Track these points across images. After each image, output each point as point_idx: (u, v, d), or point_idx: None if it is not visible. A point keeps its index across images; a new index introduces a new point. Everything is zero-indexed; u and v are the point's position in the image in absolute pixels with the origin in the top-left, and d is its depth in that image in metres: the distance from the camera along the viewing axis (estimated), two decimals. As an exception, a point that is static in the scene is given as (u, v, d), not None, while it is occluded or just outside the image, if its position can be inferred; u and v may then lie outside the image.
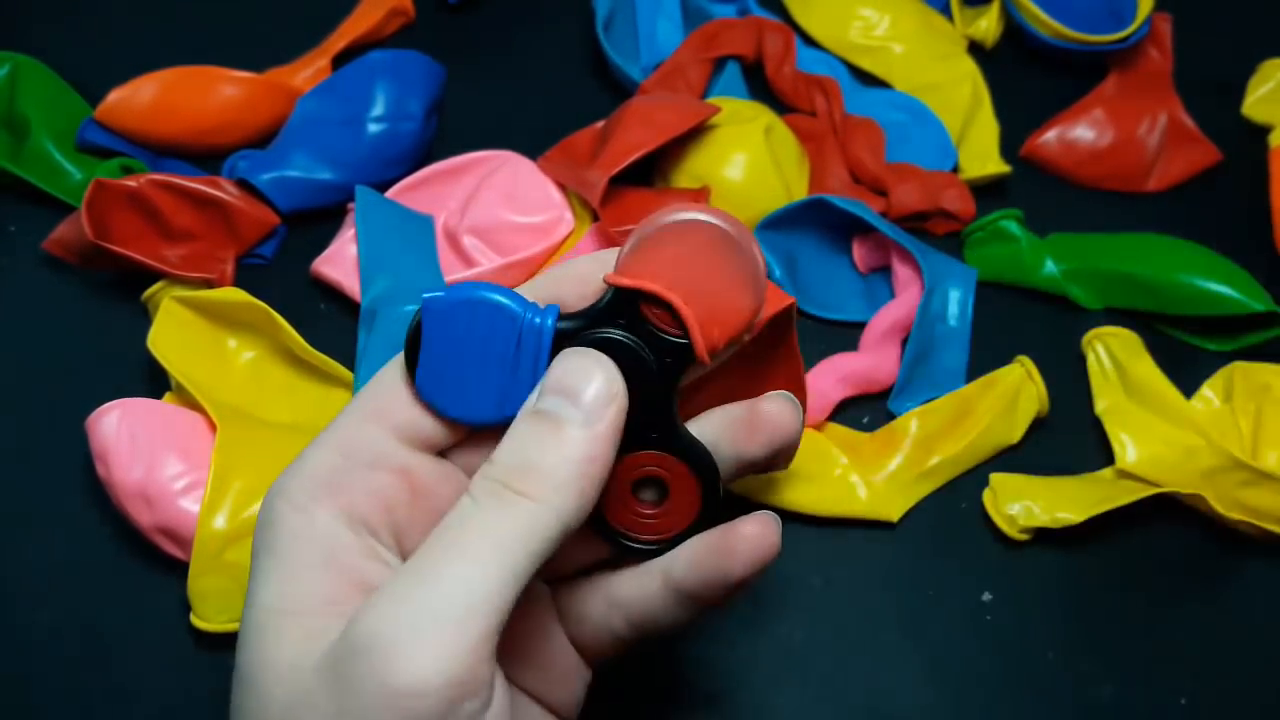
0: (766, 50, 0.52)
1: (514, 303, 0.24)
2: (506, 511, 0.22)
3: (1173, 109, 0.52)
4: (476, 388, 0.25)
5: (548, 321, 0.24)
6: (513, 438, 0.24)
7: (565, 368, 0.24)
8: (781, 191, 0.46)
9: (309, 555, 0.24)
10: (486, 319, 0.24)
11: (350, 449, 0.25)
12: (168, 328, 0.40)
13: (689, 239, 0.24)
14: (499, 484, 0.23)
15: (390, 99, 0.47)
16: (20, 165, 0.47)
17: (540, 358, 0.24)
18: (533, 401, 0.24)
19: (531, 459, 0.23)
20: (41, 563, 0.39)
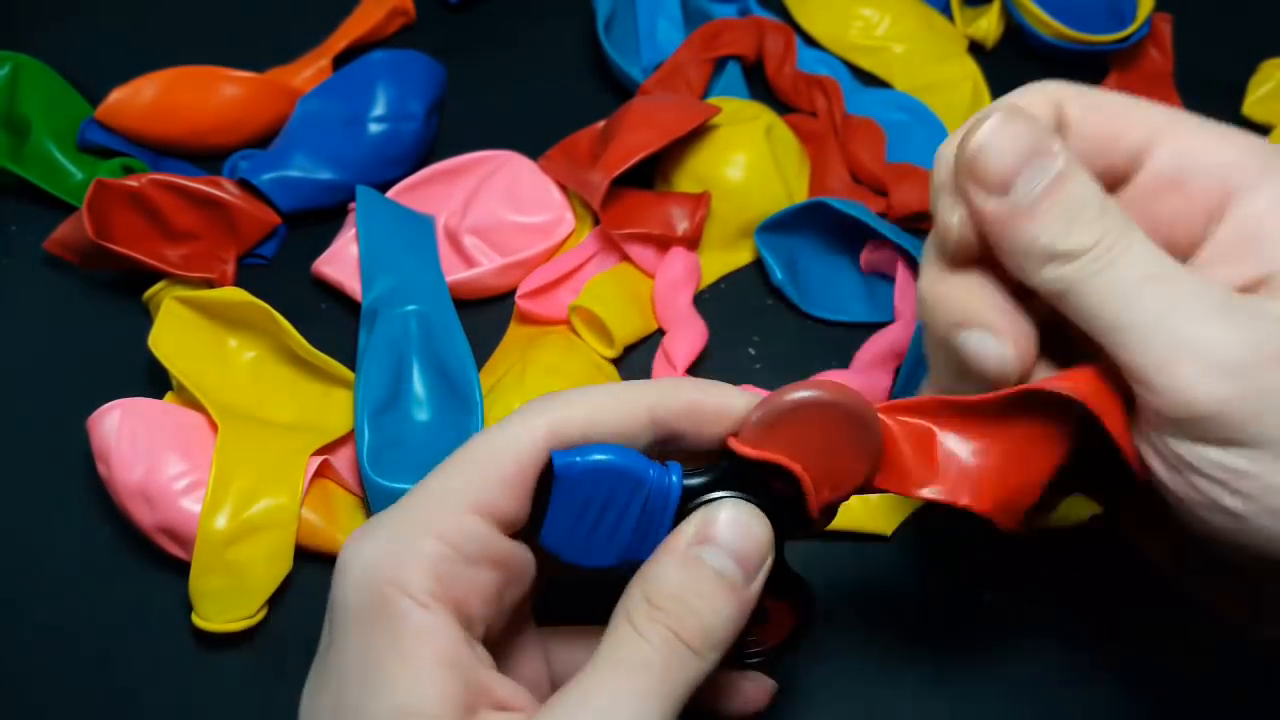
0: (767, 50, 0.52)
1: (640, 467, 0.25)
2: (671, 656, 0.23)
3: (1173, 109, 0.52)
4: (601, 540, 0.25)
5: (673, 479, 0.25)
6: (670, 578, 0.24)
7: (729, 522, 0.24)
8: (782, 191, 0.46)
9: (436, 656, 0.22)
10: (615, 483, 0.25)
11: (456, 540, 0.24)
12: (169, 327, 0.40)
13: (815, 416, 0.25)
14: (665, 628, 0.23)
15: (391, 99, 0.47)
16: (21, 165, 0.47)
17: (666, 514, 0.25)
18: (686, 543, 0.24)
19: (694, 608, 0.23)
20: (42, 562, 0.39)
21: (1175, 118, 0.26)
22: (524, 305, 0.44)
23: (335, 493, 0.39)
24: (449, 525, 0.24)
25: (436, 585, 0.23)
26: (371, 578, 0.23)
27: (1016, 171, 0.24)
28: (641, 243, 0.45)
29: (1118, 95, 0.27)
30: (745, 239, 0.47)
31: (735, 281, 0.47)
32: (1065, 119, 0.27)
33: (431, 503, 0.24)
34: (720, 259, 0.47)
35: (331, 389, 0.41)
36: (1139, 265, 0.23)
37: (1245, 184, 0.24)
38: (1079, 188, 0.24)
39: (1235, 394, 0.22)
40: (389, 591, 0.23)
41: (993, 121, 0.25)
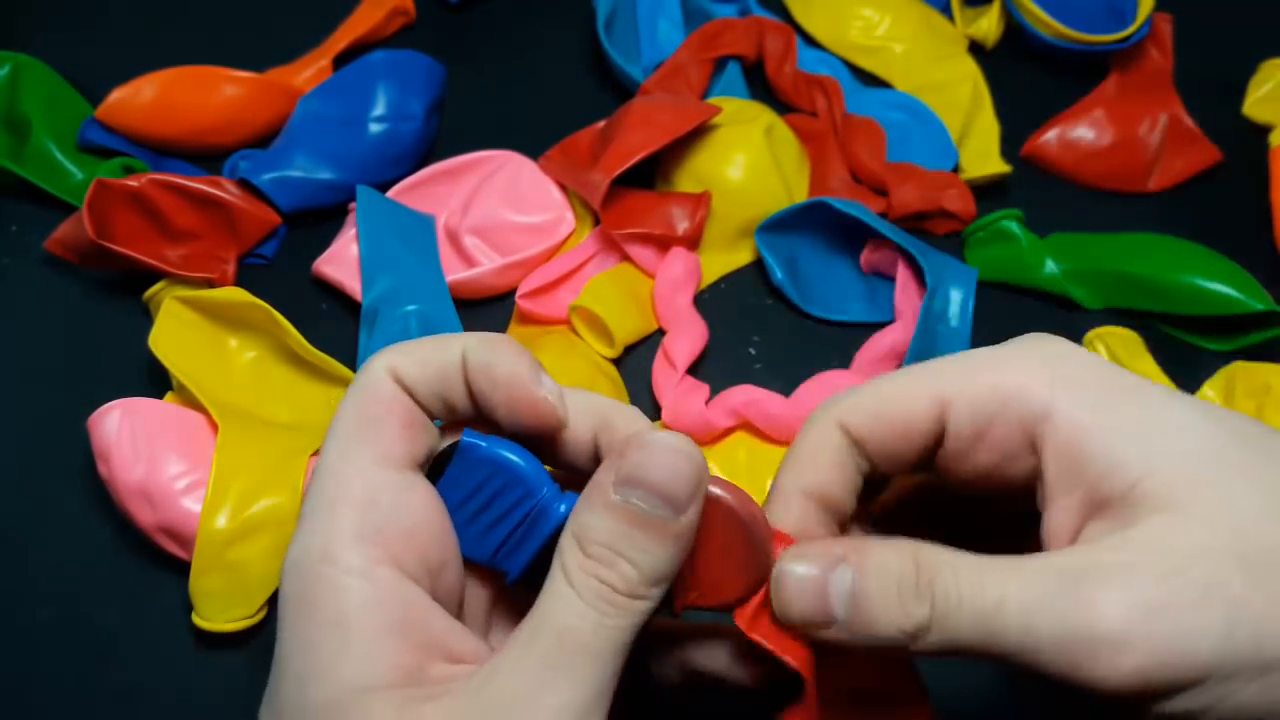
0: (767, 50, 0.52)
1: (536, 479, 0.25)
2: (620, 612, 0.23)
3: (1173, 109, 0.52)
4: (477, 531, 0.26)
5: (560, 508, 0.25)
6: (601, 529, 0.23)
7: (653, 459, 0.23)
8: (782, 191, 0.46)
9: (383, 622, 0.22)
10: (507, 480, 0.25)
11: (367, 496, 0.23)
12: (169, 327, 0.40)
13: (715, 514, 0.25)
14: (604, 585, 0.23)
15: (391, 99, 0.47)
16: (22, 165, 0.47)
17: (542, 533, 0.25)
18: (609, 486, 0.23)
19: (631, 557, 0.23)
20: (43, 562, 0.39)
21: (950, 374, 0.25)
22: (524, 305, 0.44)
23: (335, 492, 0.39)
24: (357, 486, 0.24)
25: (369, 548, 0.23)
26: (302, 563, 0.23)
27: (826, 610, 0.23)
28: (642, 243, 0.45)
29: (891, 379, 0.26)
30: (745, 239, 0.47)
31: (735, 281, 0.47)
32: (855, 437, 0.25)
33: (329, 470, 0.24)
34: (720, 259, 0.47)
35: (331, 389, 0.41)
36: (981, 595, 0.22)
37: (1038, 412, 0.23)
38: (876, 579, 0.23)
39: (1153, 660, 0.20)
40: (321, 570, 0.23)
41: (777, 590, 0.24)
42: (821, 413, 0.26)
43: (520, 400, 0.25)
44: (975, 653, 0.22)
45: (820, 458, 0.25)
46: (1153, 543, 0.21)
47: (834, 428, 0.25)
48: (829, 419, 0.25)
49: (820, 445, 0.25)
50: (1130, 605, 0.20)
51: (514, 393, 0.25)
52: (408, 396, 0.25)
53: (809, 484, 0.25)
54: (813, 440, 0.26)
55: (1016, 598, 0.21)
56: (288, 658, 0.23)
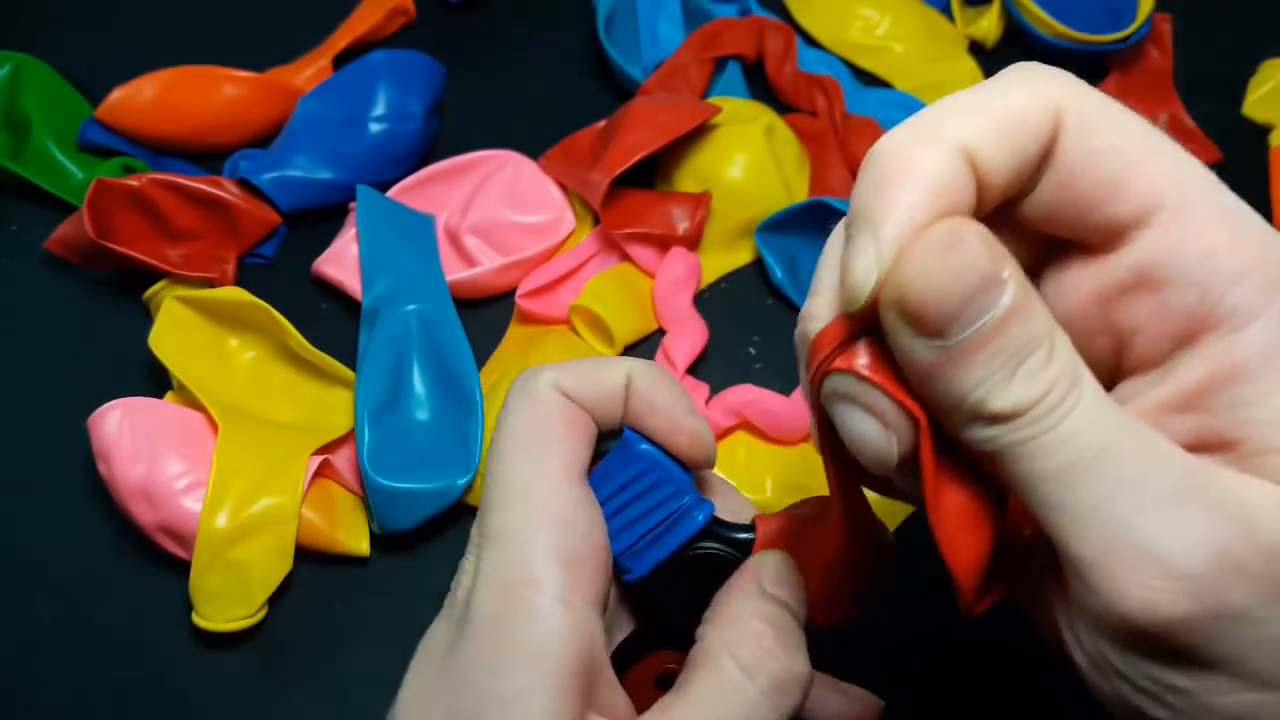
0: (767, 50, 0.52)
1: (684, 482, 0.26)
2: (788, 704, 0.23)
3: (1173, 109, 0.52)
4: (616, 526, 0.26)
5: (699, 517, 0.26)
6: (767, 616, 0.24)
7: (789, 567, 0.26)
8: (782, 191, 0.46)
9: (575, 660, 0.22)
10: (661, 480, 0.26)
11: (563, 515, 0.23)
12: (169, 327, 0.40)
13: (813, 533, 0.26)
14: (781, 674, 0.23)
15: (391, 99, 0.47)
16: (22, 165, 0.47)
17: (678, 536, 0.26)
18: (753, 579, 0.25)
19: (786, 649, 0.24)
20: (43, 561, 0.39)
21: (1189, 191, 0.20)
22: (524, 305, 0.44)
23: (336, 492, 0.39)
24: (554, 504, 0.23)
25: (569, 574, 0.23)
26: (505, 583, 0.22)
27: (957, 313, 0.18)
28: (642, 242, 0.45)
29: (1134, 131, 0.20)
30: (745, 239, 0.47)
31: (735, 281, 0.47)
32: (1057, 141, 0.20)
33: (529, 491, 0.24)
34: (720, 259, 0.47)
35: (332, 388, 0.41)
36: (1085, 432, 0.18)
37: (1240, 310, 0.19)
38: (1028, 326, 0.18)
39: (1188, 613, 0.17)
40: (525, 594, 0.22)
41: (931, 249, 0.18)
42: (929, 134, 0.19)
43: (680, 429, 0.25)
44: (1018, 490, 0.19)
45: (947, 194, 0.19)
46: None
47: (958, 156, 0.19)
48: (948, 145, 0.19)
49: (945, 175, 0.19)
50: (1218, 550, 0.17)
51: (670, 423, 0.25)
52: (581, 409, 0.25)
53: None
54: (931, 170, 0.19)
55: (1117, 471, 0.18)
56: (476, 675, 0.22)
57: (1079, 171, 0.20)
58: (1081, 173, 0.20)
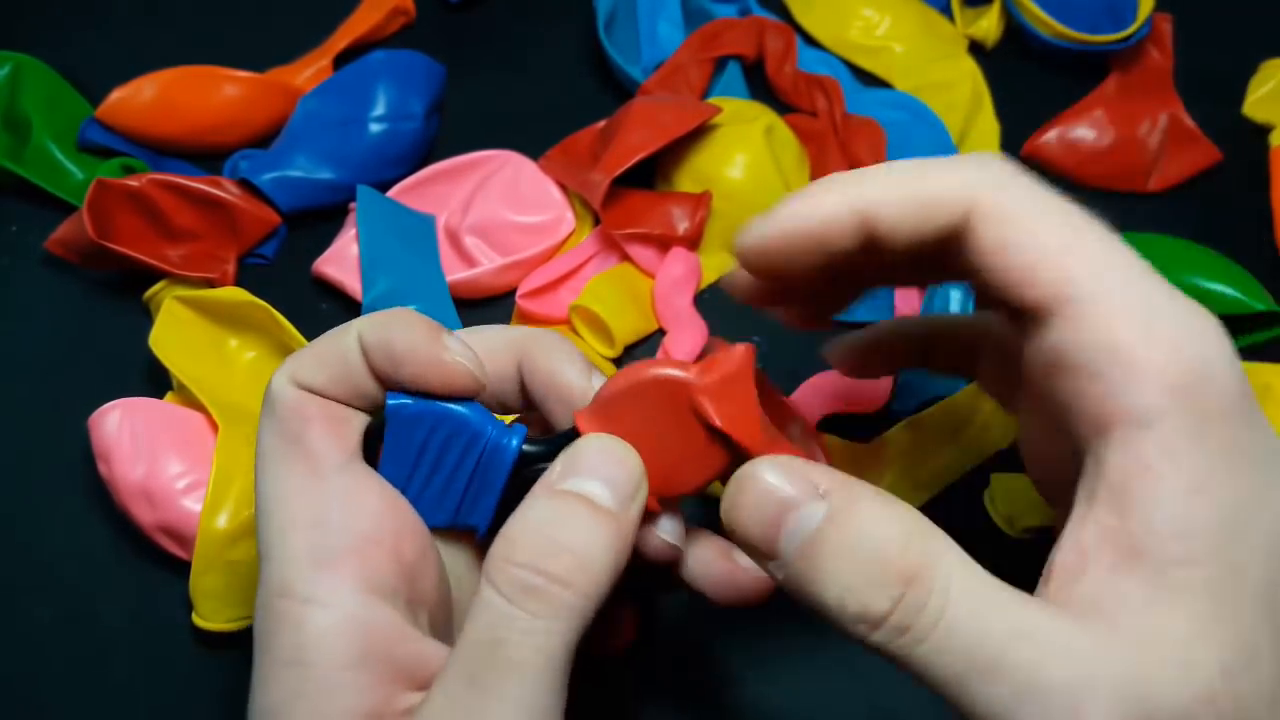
0: (767, 50, 0.52)
1: (477, 419, 0.24)
2: (546, 607, 0.20)
3: (1173, 109, 0.52)
4: (434, 495, 0.25)
5: (513, 442, 0.24)
6: (532, 519, 0.22)
7: (595, 451, 0.23)
8: (782, 191, 0.46)
9: (344, 656, 0.21)
10: (449, 430, 0.24)
11: (312, 515, 0.22)
12: (169, 327, 0.40)
13: (654, 397, 0.24)
14: (529, 572, 0.21)
15: (391, 99, 0.47)
16: (22, 165, 0.47)
17: (500, 474, 0.24)
18: (553, 479, 0.22)
19: (563, 542, 0.21)
20: (43, 561, 0.39)
21: (1104, 284, 0.20)
22: (524, 305, 0.44)
23: (335, 492, 0.39)
24: (299, 507, 0.22)
25: (325, 572, 0.22)
26: (263, 600, 0.22)
27: (769, 538, 0.20)
28: (642, 243, 0.45)
29: (1053, 223, 0.21)
30: (745, 239, 0.47)
31: (735, 281, 0.47)
32: (972, 224, 0.21)
33: (278, 500, 0.23)
34: (721, 259, 0.47)
35: (332, 389, 0.41)
36: (960, 635, 0.18)
37: (1139, 410, 0.19)
38: (850, 535, 0.20)
39: None
40: (278, 605, 0.22)
41: (733, 487, 0.21)
42: (839, 193, 0.23)
43: (427, 370, 0.23)
44: (919, 677, 0.19)
45: (829, 225, 0.23)
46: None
47: (850, 209, 0.22)
48: (846, 201, 0.23)
49: (830, 212, 0.23)
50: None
51: (418, 365, 0.23)
52: (317, 396, 0.24)
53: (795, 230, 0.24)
54: (823, 208, 0.23)
55: (1024, 664, 0.18)
56: (252, 695, 0.22)
57: (990, 256, 0.21)
58: (993, 257, 0.21)
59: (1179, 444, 0.18)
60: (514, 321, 0.45)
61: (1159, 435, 0.19)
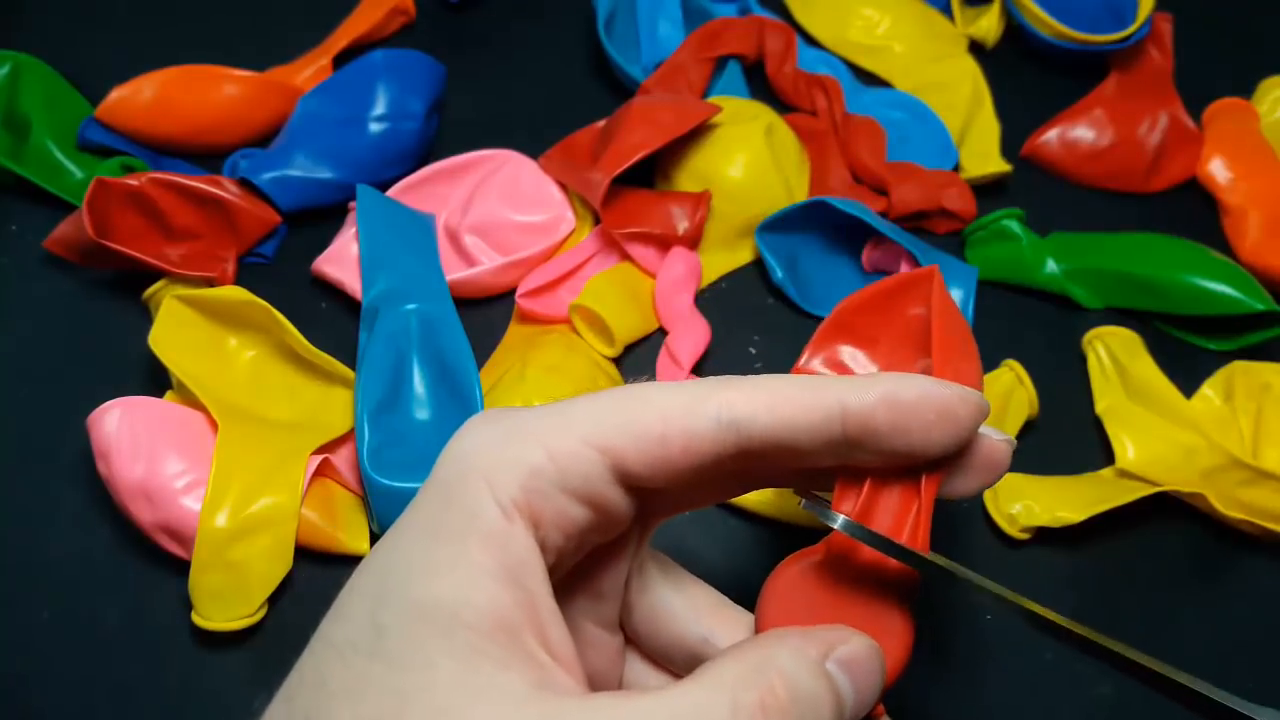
0: (767, 49, 0.52)
1: None
2: None
3: (1173, 109, 0.52)
4: None
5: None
6: (788, 671, 0.21)
7: (871, 667, 0.23)
8: (782, 191, 0.46)
9: (499, 564, 0.21)
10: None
11: (564, 464, 0.22)
12: (169, 326, 0.40)
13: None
14: (762, 717, 0.20)
15: (391, 98, 0.47)
16: (21, 164, 0.47)
17: None
18: (821, 654, 0.22)
19: (801, 716, 0.21)
20: (42, 561, 0.39)
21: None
22: (524, 304, 0.44)
23: (335, 492, 0.39)
24: (565, 448, 0.22)
25: (523, 496, 0.21)
26: (466, 463, 0.22)
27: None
28: (642, 242, 0.45)
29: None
30: (745, 238, 0.47)
31: (735, 281, 0.47)
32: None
33: (558, 418, 0.22)
34: (721, 258, 0.47)
35: (331, 388, 0.41)
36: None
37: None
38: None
39: None
40: (475, 483, 0.22)
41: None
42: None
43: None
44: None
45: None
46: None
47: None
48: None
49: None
50: None
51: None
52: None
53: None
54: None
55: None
56: (408, 543, 0.21)
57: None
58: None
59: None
60: (513, 321, 0.45)
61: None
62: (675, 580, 0.26)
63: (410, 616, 0.20)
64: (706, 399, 0.22)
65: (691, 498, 0.26)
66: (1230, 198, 0.50)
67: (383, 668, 0.20)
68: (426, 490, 0.22)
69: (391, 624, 0.20)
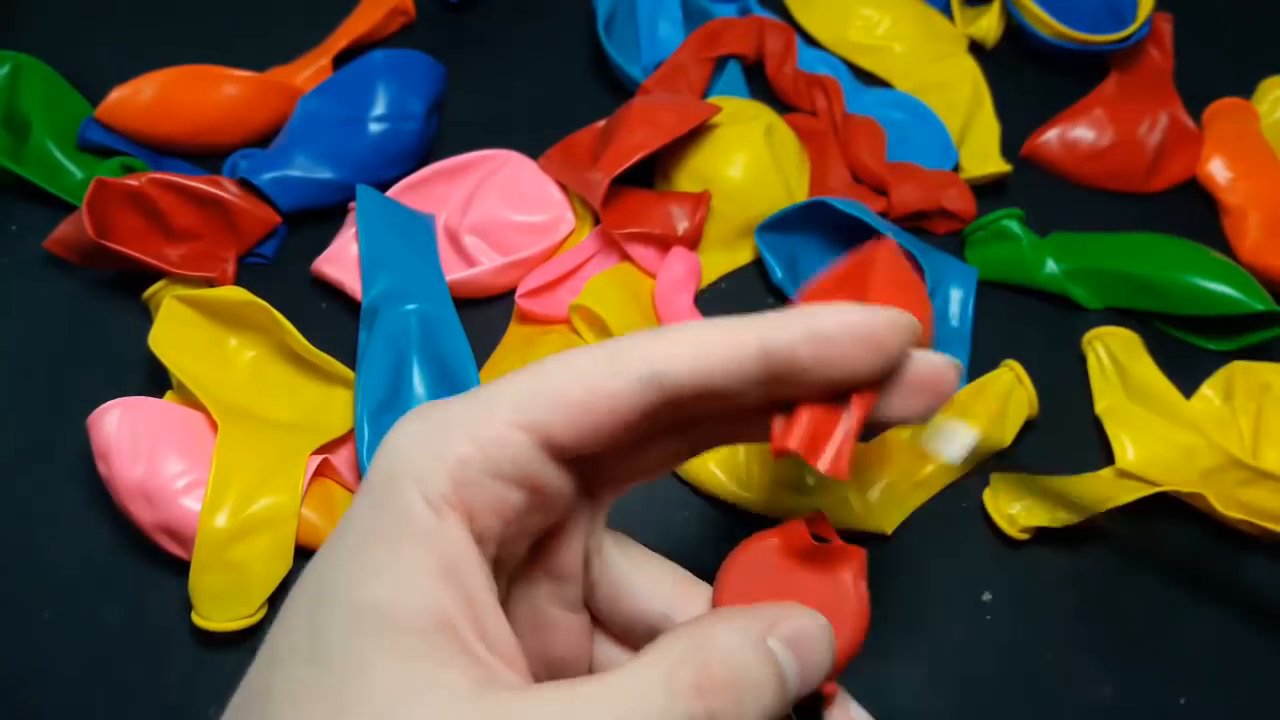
0: (767, 50, 0.52)
1: None
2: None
3: (1173, 109, 0.52)
4: None
5: None
6: (726, 649, 0.21)
7: (818, 641, 0.22)
8: (782, 191, 0.46)
9: (432, 563, 0.21)
10: None
11: (490, 451, 0.22)
12: (169, 327, 0.40)
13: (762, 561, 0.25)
14: (705, 709, 0.20)
15: (391, 98, 0.47)
16: (21, 164, 0.47)
17: None
18: (762, 630, 0.22)
19: (748, 706, 0.21)
20: (42, 561, 0.39)
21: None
22: (524, 304, 0.44)
23: (335, 492, 0.39)
24: (490, 434, 0.22)
25: (452, 490, 0.21)
26: (393, 465, 0.22)
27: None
28: (642, 242, 0.45)
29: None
30: (745, 238, 0.47)
31: (735, 281, 0.47)
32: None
33: (481, 405, 0.22)
34: (720, 258, 0.47)
35: (331, 388, 0.41)
36: None
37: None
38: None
39: None
40: (404, 484, 0.21)
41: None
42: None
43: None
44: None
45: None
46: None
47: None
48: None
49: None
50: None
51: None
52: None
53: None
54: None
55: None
56: (343, 546, 0.21)
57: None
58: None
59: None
60: (513, 321, 0.45)
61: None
62: (634, 558, 0.26)
63: (347, 621, 0.20)
64: (627, 356, 0.22)
65: (633, 465, 0.25)
66: (1230, 198, 0.50)
67: (320, 673, 0.19)
68: (360, 494, 0.22)
69: (328, 629, 0.20)
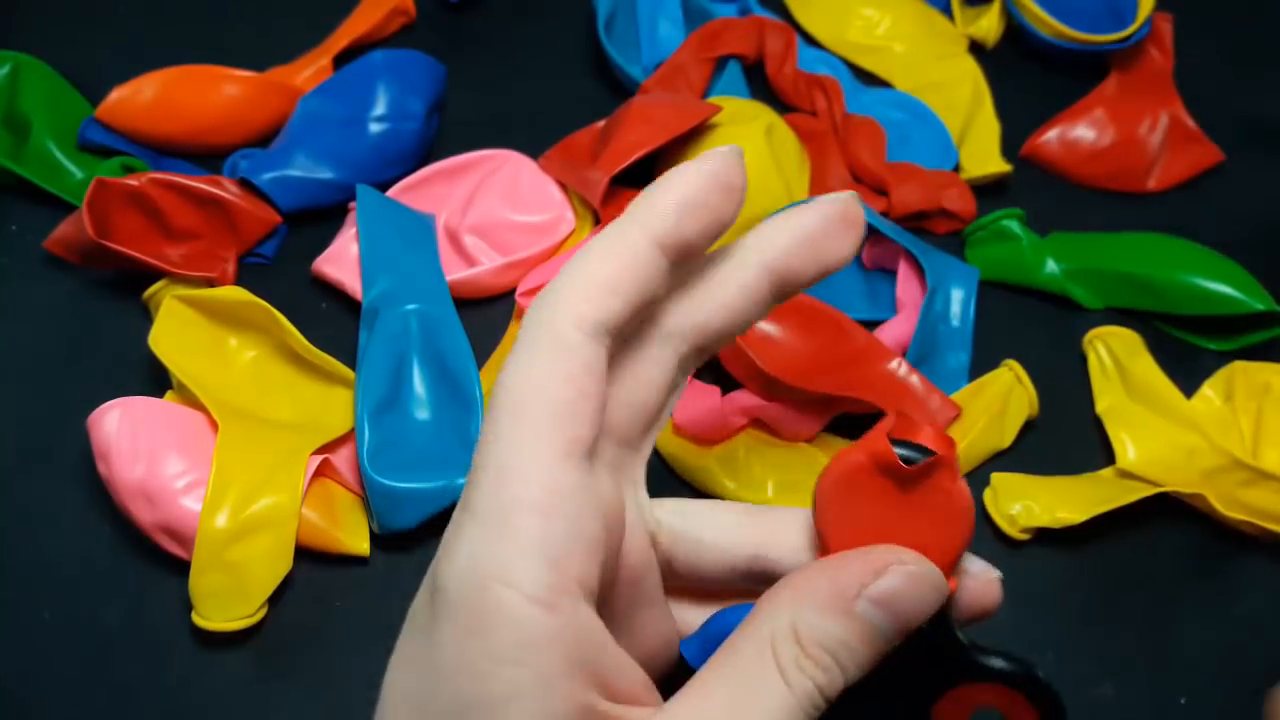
0: (767, 50, 0.52)
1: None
2: (814, 715, 0.21)
3: (1173, 109, 0.52)
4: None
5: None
6: (833, 630, 0.21)
7: (914, 591, 0.22)
8: (782, 191, 0.46)
9: (561, 663, 0.20)
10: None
11: (551, 505, 0.20)
12: (169, 327, 0.40)
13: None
14: (812, 682, 0.21)
15: (391, 98, 0.47)
16: (21, 164, 0.47)
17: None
18: (853, 595, 0.22)
19: (847, 666, 0.21)
20: (42, 561, 0.39)
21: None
22: (524, 304, 0.44)
23: (335, 492, 0.39)
24: (540, 492, 0.20)
25: (551, 572, 0.20)
26: (474, 578, 0.20)
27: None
28: (642, 242, 0.45)
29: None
30: (745, 238, 0.47)
31: (735, 281, 0.47)
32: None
33: (515, 473, 0.21)
34: (720, 258, 0.47)
35: (332, 388, 0.41)
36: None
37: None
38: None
39: None
40: (498, 592, 0.20)
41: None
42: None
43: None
44: None
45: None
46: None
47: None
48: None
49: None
50: None
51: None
52: (605, 366, 0.22)
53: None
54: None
55: None
56: (453, 674, 0.20)
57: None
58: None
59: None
60: (513, 321, 0.45)
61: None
62: (693, 515, 0.26)
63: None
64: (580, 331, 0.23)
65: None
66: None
67: None
68: (442, 608, 0.21)
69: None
